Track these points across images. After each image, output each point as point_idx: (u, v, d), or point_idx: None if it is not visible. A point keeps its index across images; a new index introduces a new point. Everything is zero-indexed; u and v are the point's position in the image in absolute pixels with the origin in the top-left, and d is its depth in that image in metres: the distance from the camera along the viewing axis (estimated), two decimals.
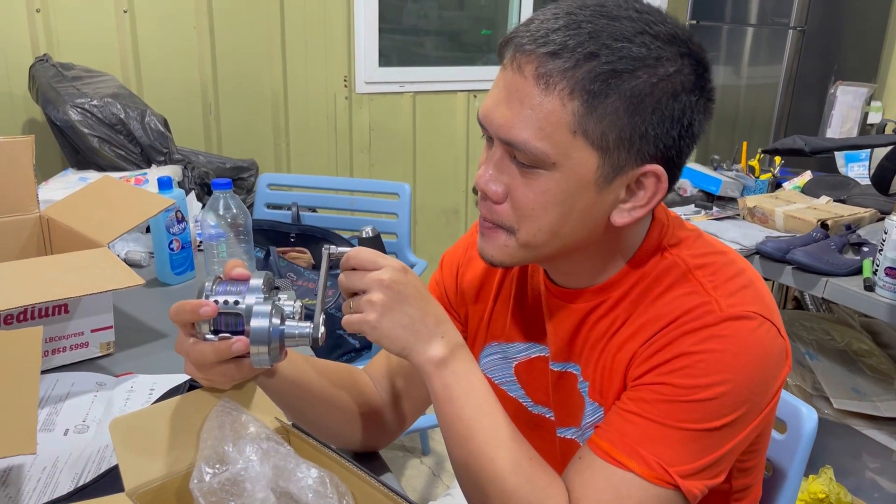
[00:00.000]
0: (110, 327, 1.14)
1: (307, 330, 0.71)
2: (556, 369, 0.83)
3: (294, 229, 1.94)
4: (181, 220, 1.43)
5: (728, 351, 0.68)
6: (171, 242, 1.42)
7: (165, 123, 2.19)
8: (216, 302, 0.69)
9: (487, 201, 0.73)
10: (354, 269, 0.72)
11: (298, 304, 0.73)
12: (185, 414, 0.72)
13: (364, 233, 0.82)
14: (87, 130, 2.03)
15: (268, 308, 0.69)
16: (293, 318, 0.72)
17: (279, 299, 0.72)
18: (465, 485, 0.75)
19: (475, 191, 0.75)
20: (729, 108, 3.37)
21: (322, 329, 0.71)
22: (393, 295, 0.70)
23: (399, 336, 0.71)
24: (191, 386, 0.94)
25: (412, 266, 2.02)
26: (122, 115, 2.09)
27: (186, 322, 0.70)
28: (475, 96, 3.23)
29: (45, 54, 2.27)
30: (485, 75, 3.27)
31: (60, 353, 1.10)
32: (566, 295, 0.81)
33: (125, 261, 1.51)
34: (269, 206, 2.15)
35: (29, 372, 0.78)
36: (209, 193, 2.28)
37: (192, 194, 1.87)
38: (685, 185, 2.16)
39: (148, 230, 1.56)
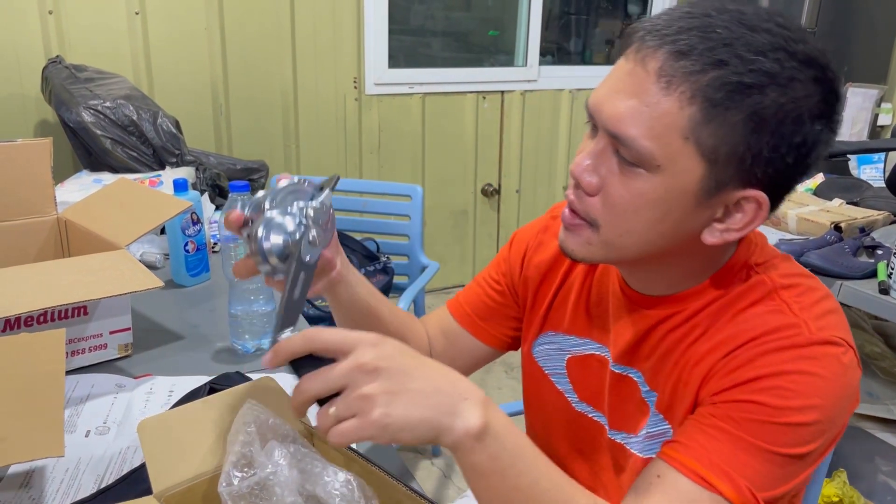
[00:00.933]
0: (128, 329, 1.14)
1: (295, 235, 0.68)
2: (616, 371, 0.82)
3: None
4: (196, 221, 1.43)
5: (819, 375, 0.65)
6: (186, 244, 1.42)
7: (177, 125, 2.20)
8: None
9: (579, 190, 0.70)
10: (314, 359, 0.59)
11: (311, 210, 0.69)
12: (212, 416, 0.72)
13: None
14: (100, 132, 2.04)
15: (257, 227, 0.67)
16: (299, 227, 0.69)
17: (300, 205, 0.70)
18: None
19: (563, 191, 0.74)
20: None
21: (313, 230, 0.68)
22: (387, 378, 0.56)
23: (420, 419, 0.56)
24: (211, 388, 0.95)
25: (423, 269, 2.02)
26: (135, 117, 2.10)
27: (235, 231, 0.72)
28: (484, 97, 3.24)
29: (57, 56, 2.28)
30: (494, 77, 3.28)
31: (80, 354, 1.10)
32: (640, 300, 0.79)
33: (140, 262, 1.51)
34: None
35: (54, 374, 0.79)
36: (220, 195, 2.29)
37: (206, 196, 1.87)
38: None
39: (163, 232, 1.57)
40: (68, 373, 1.09)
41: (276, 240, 0.68)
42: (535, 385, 0.94)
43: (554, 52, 3.61)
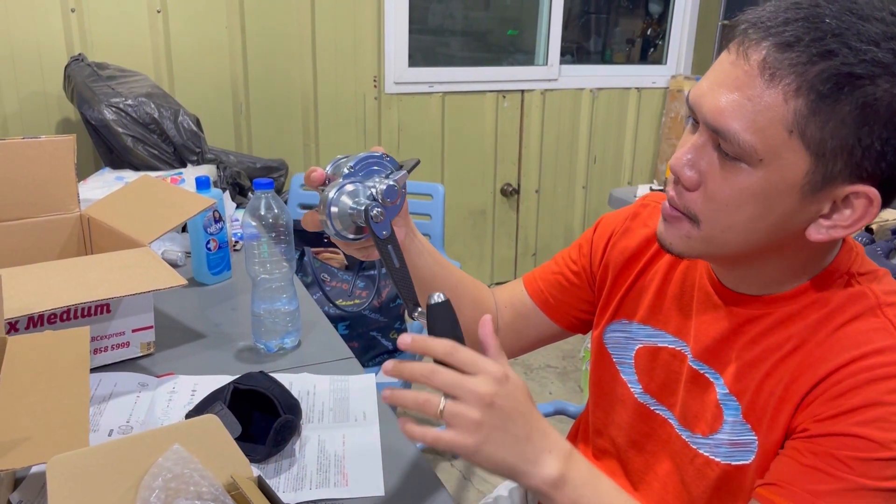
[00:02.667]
0: (151, 327, 1.14)
1: (360, 207, 0.73)
2: (695, 367, 0.79)
3: None
4: (218, 219, 1.42)
5: None
6: (208, 242, 1.41)
7: (198, 123, 2.19)
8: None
9: (679, 185, 0.69)
10: (442, 364, 0.65)
11: (384, 186, 0.74)
12: (134, 457, 0.66)
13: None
14: (122, 130, 2.04)
15: (331, 190, 0.73)
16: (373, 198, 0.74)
17: (376, 179, 0.75)
18: None
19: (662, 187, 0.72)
20: None
21: (377, 208, 0.72)
22: (495, 414, 0.63)
23: (504, 460, 0.64)
24: (235, 388, 0.93)
25: None
26: (156, 115, 2.10)
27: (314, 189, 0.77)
28: (504, 97, 3.21)
29: (79, 54, 2.29)
30: (514, 76, 3.25)
31: (102, 352, 1.09)
32: (730, 297, 0.77)
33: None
34: (301, 206, 2.14)
35: (78, 371, 0.78)
36: (241, 193, 2.29)
37: (227, 194, 1.87)
38: None
39: (184, 230, 1.56)
40: (91, 371, 1.08)
41: (343, 207, 0.74)
42: (601, 371, 0.94)
43: (573, 52, 3.58)
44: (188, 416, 0.93)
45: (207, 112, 2.50)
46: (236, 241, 1.62)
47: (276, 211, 1.13)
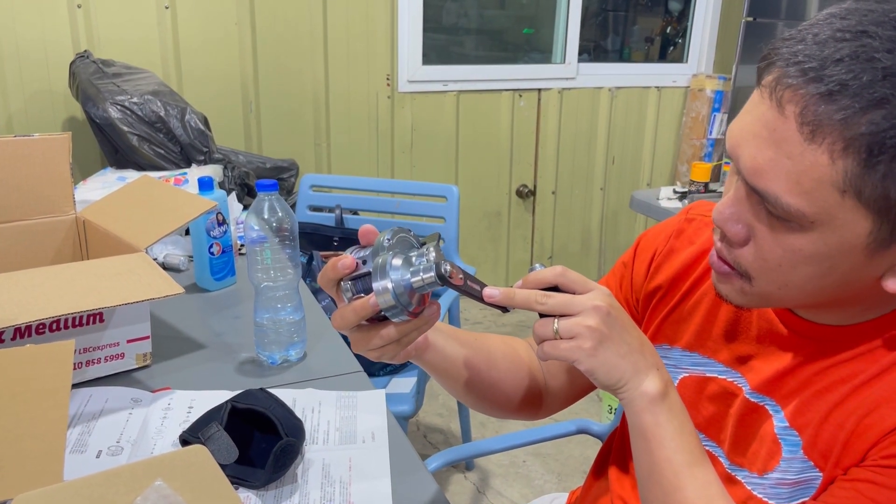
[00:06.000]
0: (147, 338, 1.07)
1: (430, 273, 0.64)
2: (752, 401, 0.72)
3: (337, 233, 1.86)
4: (222, 222, 1.35)
5: None
6: (211, 246, 1.34)
7: (206, 122, 2.13)
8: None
9: (726, 240, 0.63)
10: (553, 290, 0.64)
11: (433, 253, 0.66)
12: (109, 496, 0.58)
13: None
14: (127, 128, 1.98)
15: (388, 259, 0.64)
16: (423, 262, 0.66)
17: (412, 251, 0.67)
18: None
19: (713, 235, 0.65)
20: None
21: (447, 265, 0.64)
22: (612, 323, 0.63)
23: (617, 366, 0.63)
24: (233, 408, 0.86)
25: None
26: (162, 113, 2.04)
27: (332, 284, 0.68)
28: (520, 95, 3.13)
29: (85, 51, 2.23)
30: (531, 74, 3.17)
31: (94, 364, 1.03)
32: (796, 324, 0.69)
33: (163, 265, 1.45)
34: (311, 208, 2.07)
35: (58, 392, 0.71)
36: (249, 194, 2.22)
37: (233, 195, 1.80)
38: None
39: (187, 233, 1.49)
40: (83, 384, 1.01)
41: (402, 276, 0.64)
42: None
43: (590, 51, 3.49)
44: (182, 436, 0.86)
45: (215, 110, 2.44)
46: (242, 245, 1.55)
47: (280, 214, 1.06)
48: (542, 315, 0.65)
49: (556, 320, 0.63)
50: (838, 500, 0.60)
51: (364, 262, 0.67)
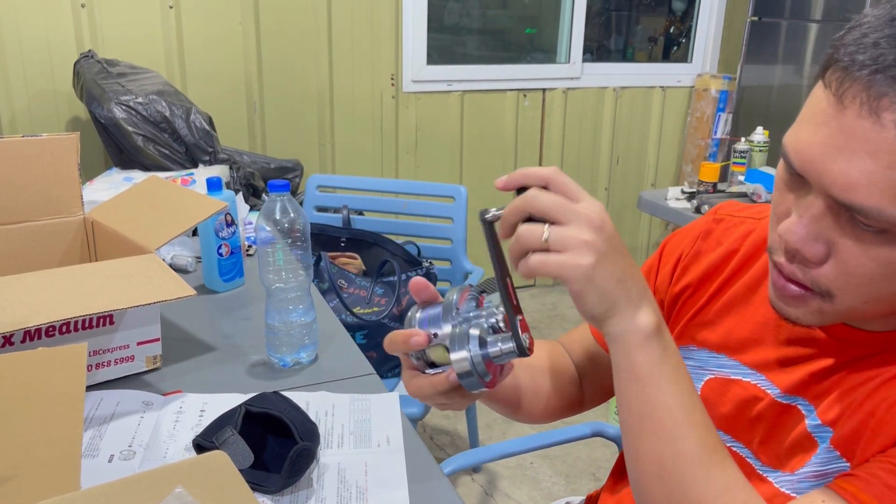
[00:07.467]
0: (157, 340, 1.05)
1: (510, 344, 0.62)
2: (783, 402, 0.70)
3: (344, 233, 1.85)
4: (231, 223, 1.34)
5: None
6: (220, 247, 1.33)
7: (210, 122, 2.12)
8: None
9: (797, 262, 0.59)
10: (544, 189, 0.57)
11: (501, 309, 0.65)
12: None
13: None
14: (132, 129, 1.97)
15: (465, 333, 0.63)
16: (498, 327, 0.64)
17: (481, 313, 0.66)
18: (651, 486, 0.61)
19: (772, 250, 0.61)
20: (792, 110, 3.20)
21: (525, 337, 0.61)
22: (606, 239, 0.55)
23: (611, 291, 0.56)
24: (247, 411, 0.85)
25: (468, 275, 1.91)
26: (167, 113, 2.02)
27: (401, 353, 0.67)
28: (525, 95, 3.12)
29: (89, 50, 2.22)
30: (535, 74, 3.16)
31: (105, 367, 1.01)
32: (834, 329, 0.67)
33: (171, 266, 1.43)
34: (317, 208, 2.05)
35: (73, 397, 0.70)
36: (254, 195, 2.21)
37: (240, 195, 1.79)
38: (759, 190, 2.02)
39: (195, 233, 1.48)
40: (93, 388, 1.00)
41: (480, 351, 0.63)
42: None
43: (593, 51, 3.48)
44: (196, 440, 0.85)
45: (220, 110, 2.42)
46: (249, 246, 1.54)
47: (292, 215, 1.04)
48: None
49: (546, 227, 0.56)
50: (856, 481, 0.58)
51: (435, 336, 0.65)
